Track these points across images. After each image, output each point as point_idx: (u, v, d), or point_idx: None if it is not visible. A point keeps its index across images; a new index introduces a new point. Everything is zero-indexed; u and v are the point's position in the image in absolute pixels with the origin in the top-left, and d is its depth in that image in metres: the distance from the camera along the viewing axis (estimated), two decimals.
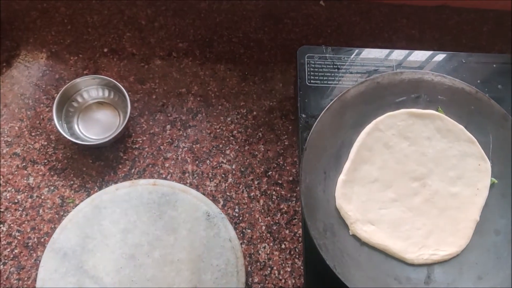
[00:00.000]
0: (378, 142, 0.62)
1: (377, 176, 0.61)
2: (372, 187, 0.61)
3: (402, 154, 0.62)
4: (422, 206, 0.61)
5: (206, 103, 0.78)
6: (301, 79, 0.71)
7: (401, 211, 0.60)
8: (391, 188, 0.61)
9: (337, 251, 0.56)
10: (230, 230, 0.66)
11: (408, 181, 0.62)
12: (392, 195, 0.61)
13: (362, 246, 0.58)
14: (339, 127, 0.63)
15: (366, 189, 0.61)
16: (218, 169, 0.74)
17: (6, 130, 0.73)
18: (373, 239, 0.58)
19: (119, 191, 0.67)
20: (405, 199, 0.61)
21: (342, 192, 0.59)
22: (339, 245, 0.57)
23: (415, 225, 0.60)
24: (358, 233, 0.58)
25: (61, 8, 0.83)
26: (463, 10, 0.91)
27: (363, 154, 0.62)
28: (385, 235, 0.58)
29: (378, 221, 0.59)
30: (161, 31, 0.83)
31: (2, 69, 0.78)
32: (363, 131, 0.63)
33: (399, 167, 0.62)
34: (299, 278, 0.68)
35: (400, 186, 0.61)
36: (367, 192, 0.60)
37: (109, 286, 0.61)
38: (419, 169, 0.62)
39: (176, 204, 0.67)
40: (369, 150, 0.62)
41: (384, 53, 0.74)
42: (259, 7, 0.87)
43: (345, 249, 0.57)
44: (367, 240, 0.58)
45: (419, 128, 0.64)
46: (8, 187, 0.70)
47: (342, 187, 0.60)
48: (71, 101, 0.74)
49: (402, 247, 0.58)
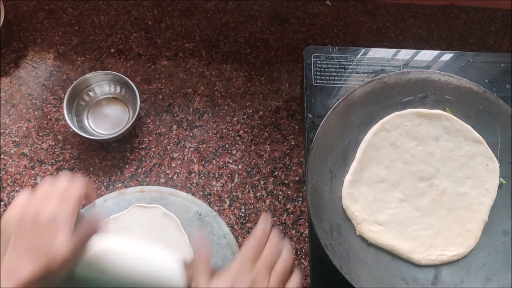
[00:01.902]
0: (385, 142, 0.62)
1: (384, 176, 0.61)
2: (379, 187, 0.60)
3: (410, 154, 0.62)
4: (430, 206, 0.60)
5: (212, 103, 0.79)
6: (307, 79, 0.71)
7: (409, 211, 0.60)
8: (398, 188, 0.61)
9: (343, 251, 0.56)
10: (223, 227, 0.66)
11: (415, 181, 0.61)
12: (399, 195, 0.60)
13: (369, 247, 0.58)
14: (346, 127, 0.63)
15: (373, 189, 0.60)
16: (224, 169, 0.74)
17: (14, 130, 0.74)
18: (380, 239, 0.58)
19: (107, 203, 0.68)
20: (413, 199, 0.60)
21: (349, 192, 0.59)
22: (346, 245, 0.57)
23: (423, 226, 0.59)
24: (365, 233, 0.58)
25: (68, 9, 0.84)
26: (471, 9, 0.90)
27: (370, 154, 0.61)
28: (392, 235, 0.58)
29: (385, 222, 0.59)
30: (168, 31, 0.84)
31: (10, 70, 0.78)
32: (370, 131, 0.63)
33: (406, 167, 0.61)
34: (306, 279, 0.68)
35: (407, 186, 0.61)
36: (374, 192, 0.60)
37: None
38: (426, 169, 0.61)
39: (167, 207, 0.67)
40: (376, 150, 0.62)
41: (391, 53, 0.74)
42: (265, 7, 0.87)
43: (352, 249, 0.57)
44: (373, 240, 0.58)
45: (426, 128, 0.63)
46: (16, 187, 0.70)
47: (348, 187, 0.60)
48: (82, 94, 0.75)
49: (410, 248, 0.58)
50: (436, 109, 0.64)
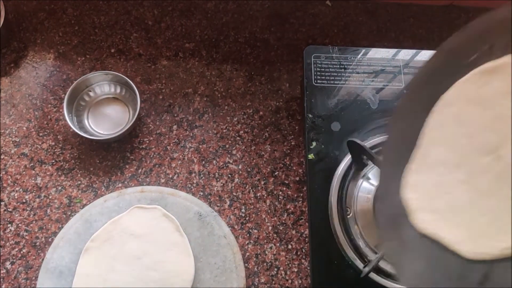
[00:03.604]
0: (447, 118, 0.52)
1: (446, 157, 0.51)
2: (439, 171, 0.51)
3: (474, 124, 0.50)
4: (492, 186, 0.48)
5: (212, 103, 0.79)
6: (307, 79, 0.71)
7: (467, 194, 0.49)
8: (461, 169, 0.50)
9: (395, 242, 0.50)
10: (223, 227, 0.66)
11: (478, 157, 0.49)
12: (461, 176, 0.49)
13: (422, 238, 0.50)
14: (412, 113, 0.54)
15: (434, 174, 0.51)
16: (224, 169, 0.74)
17: (14, 130, 0.74)
18: (428, 229, 0.49)
19: (107, 203, 0.68)
20: (475, 179, 0.49)
21: (407, 180, 0.52)
22: (400, 236, 0.51)
23: (480, 210, 0.48)
24: (415, 222, 0.50)
25: (68, 9, 0.84)
26: (471, 9, 0.90)
27: (433, 136, 0.52)
28: (444, 224, 0.49)
29: (440, 209, 0.50)
30: (168, 31, 0.84)
31: (10, 70, 0.78)
32: (431, 111, 0.53)
33: (470, 141, 0.50)
34: (306, 279, 0.68)
35: (470, 164, 0.49)
36: (434, 177, 0.51)
37: None
38: (491, 138, 0.49)
39: (167, 208, 0.67)
40: (439, 130, 0.52)
41: (391, 53, 0.74)
42: (265, 7, 0.87)
43: (405, 240, 0.51)
44: (422, 230, 0.50)
45: (493, 86, 0.50)
46: (16, 187, 0.70)
47: (407, 175, 0.52)
48: (82, 94, 0.75)
49: (459, 238, 0.47)
50: (506, 56, 0.50)
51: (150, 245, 0.64)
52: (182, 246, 0.64)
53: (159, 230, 0.65)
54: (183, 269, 0.63)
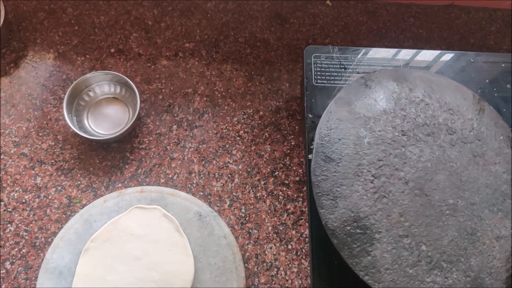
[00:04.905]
0: None
1: None
2: None
3: None
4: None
5: (212, 103, 0.78)
6: (307, 79, 0.71)
7: None
8: None
9: None
10: (224, 227, 0.66)
11: None
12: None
13: None
14: None
15: None
16: (224, 169, 0.74)
17: (13, 130, 0.74)
18: None
19: (107, 203, 0.67)
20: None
21: None
22: None
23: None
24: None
25: (68, 9, 0.84)
26: (471, 9, 0.90)
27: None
28: None
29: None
30: (168, 31, 0.84)
31: (10, 70, 0.78)
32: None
33: None
34: (306, 279, 0.67)
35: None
36: None
37: None
38: None
39: (167, 208, 0.67)
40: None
41: (391, 53, 0.74)
42: (265, 7, 0.87)
43: None
44: None
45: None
46: (16, 187, 0.70)
47: None
48: (82, 94, 0.75)
49: None
50: None
51: (150, 246, 0.64)
52: (182, 246, 0.64)
53: (159, 230, 0.65)
54: (183, 269, 0.63)
